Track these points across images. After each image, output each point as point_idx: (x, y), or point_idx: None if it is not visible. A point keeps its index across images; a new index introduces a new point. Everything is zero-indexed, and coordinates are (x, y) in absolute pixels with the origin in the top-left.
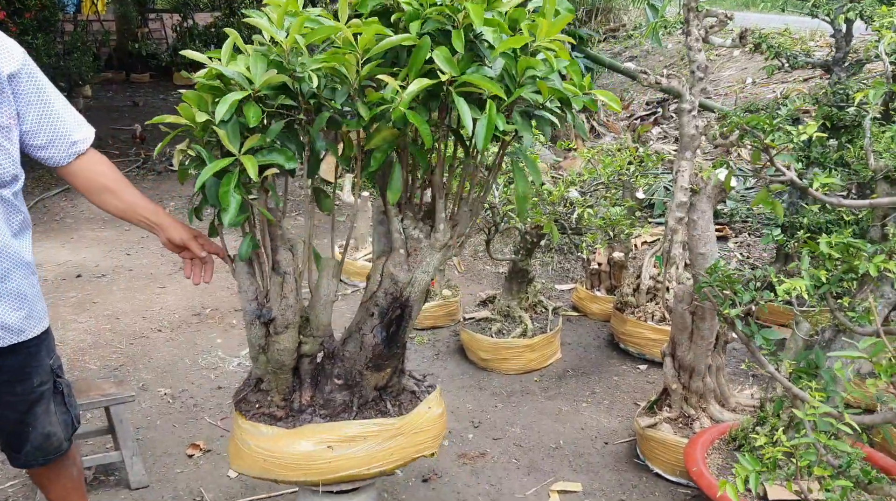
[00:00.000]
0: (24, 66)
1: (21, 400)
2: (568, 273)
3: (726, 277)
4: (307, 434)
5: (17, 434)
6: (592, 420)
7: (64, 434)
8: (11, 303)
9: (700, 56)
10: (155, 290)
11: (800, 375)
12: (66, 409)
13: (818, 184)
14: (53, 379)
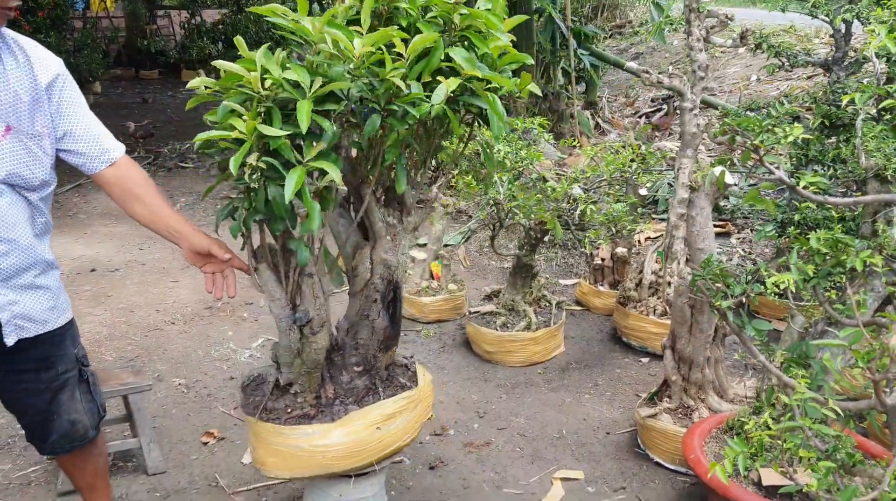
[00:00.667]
0: (61, 76)
1: (46, 387)
2: (571, 268)
3: (719, 271)
4: (354, 422)
5: (44, 422)
6: (595, 410)
7: (90, 422)
8: (35, 297)
9: (701, 56)
10: (168, 284)
11: (791, 365)
12: (91, 397)
13: (804, 182)
14: (78, 368)
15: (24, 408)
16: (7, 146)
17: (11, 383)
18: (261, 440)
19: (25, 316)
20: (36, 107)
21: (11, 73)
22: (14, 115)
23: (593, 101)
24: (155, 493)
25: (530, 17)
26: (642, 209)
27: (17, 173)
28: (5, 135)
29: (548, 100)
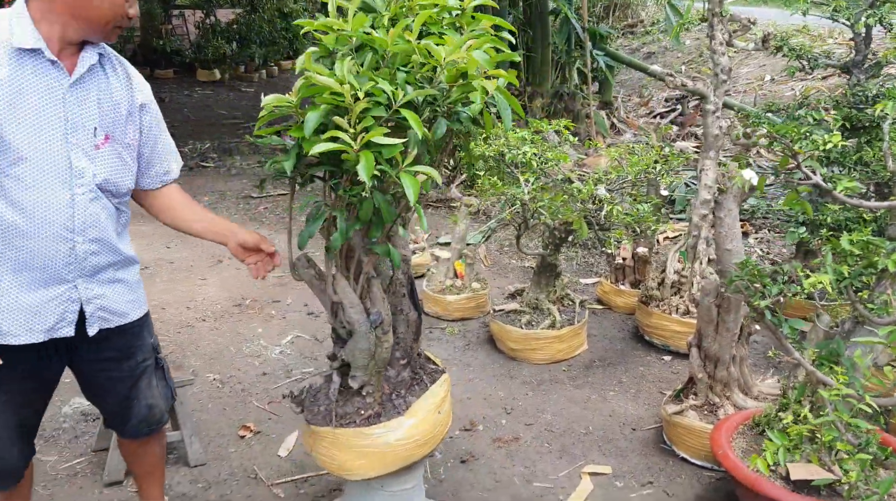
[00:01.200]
0: (151, 100)
1: (127, 375)
2: (592, 267)
3: (756, 271)
4: (419, 411)
5: (125, 408)
6: (620, 407)
7: (165, 406)
8: (117, 290)
9: (724, 59)
10: (196, 282)
11: (822, 362)
12: (166, 383)
13: (841, 187)
14: (154, 356)
15: (106, 396)
16: (105, 154)
17: (96, 372)
18: (343, 446)
19: (108, 309)
20: (129, 120)
21: (114, 87)
22: (113, 126)
23: (608, 101)
24: (197, 484)
25: (546, 18)
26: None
27: (111, 180)
28: (104, 144)
29: (563, 100)
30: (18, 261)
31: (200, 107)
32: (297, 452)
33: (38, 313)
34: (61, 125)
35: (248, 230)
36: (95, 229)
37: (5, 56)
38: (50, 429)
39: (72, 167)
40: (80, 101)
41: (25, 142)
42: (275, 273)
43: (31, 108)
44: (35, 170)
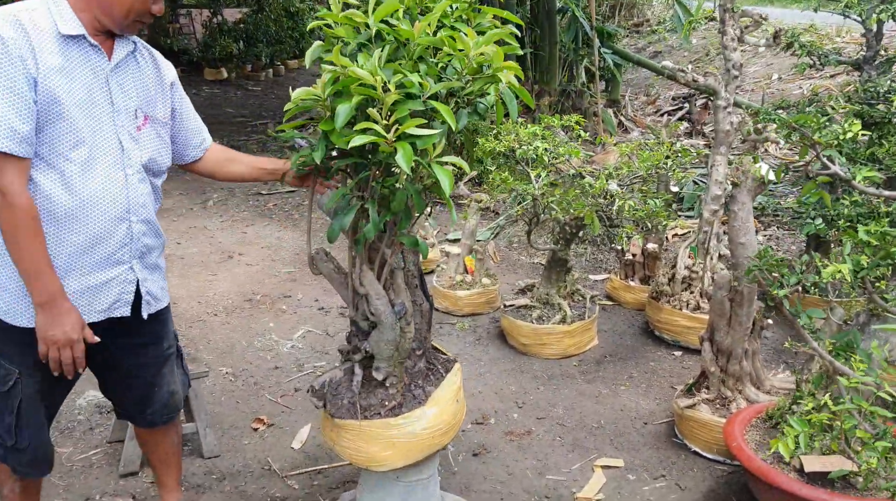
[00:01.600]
0: (177, 78)
1: (154, 361)
2: (601, 263)
3: (774, 261)
4: (439, 400)
5: (147, 394)
6: (631, 402)
7: (183, 393)
8: (157, 275)
9: (735, 55)
10: (207, 277)
11: (837, 353)
12: (183, 370)
13: (860, 177)
14: (176, 343)
15: (131, 381)
16: (147, 134)
17: (127, 357)
18: (370, 438)
19: (152, 293)
20: (161, 99)
21: (145, 70)
22: (149, 106)
23: (616, 100)
24: (211, 475)
25: (553, 16)
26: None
27: (154, 159)
28: (144, 124)
29: (570, 98)
30: (79, 245)
31: (208, 105)
32: (311, 444)
33: (99, 292)
34: (109, 108)
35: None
36: (145, 209)
37: (54, 43)
38: (65, 421)
39: (123, 148)
40: (120, 85)
41: (84, 125)
42: (286, 268)
43: (83, 92)
44: (93, 153)
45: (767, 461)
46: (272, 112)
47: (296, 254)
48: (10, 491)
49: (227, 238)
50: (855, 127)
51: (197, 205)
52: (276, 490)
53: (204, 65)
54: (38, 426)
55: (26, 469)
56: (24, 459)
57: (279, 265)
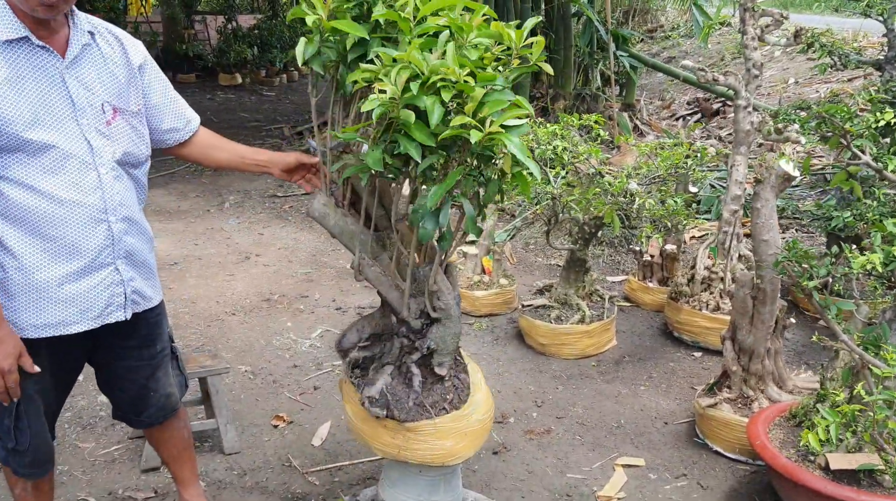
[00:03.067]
0: (147, 57)
1: (147, 364)
2: (619, 265)
3: (803, 253)
4: (480, 385)
5: (142, 397)
6: (651, 402)
7: (180, 394)
8: (145, 273)
9: (756, 54)
10: (225, 277)
11: (866, 347)
12: (179, 372)
13: (893, 166)
14: (170, 345)
15: (125, 384)
16: (118, 127)
17: (118, 360)
18: (446, 433)
19: (139, 292)
20: (131, 87)
21: (110, 58)
22: (118, 97)
23: (631, 104)
24: (232, 471)
25: (568, 21)
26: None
27: (129, 152)
28: (115, 117)
29: (586, 102)
30: (60, 252)
31: (223, 110)
32: (331, 441)
33: (89, 299)
34: (69, 108)
35: (283, 153)
36: (124, 207)
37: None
38: (87, 417)
39: (92, 148)
40: (81, 82)
41: (42, 133)
42: (302, 269)
43: (36, 98)
44: (59, 158)
45: (792, 459)
46: (286, 116)
47: (312, 255)
48: (22, 490)
49: (243, 239)
50: (888, 115)
51: (213, 207)
52: (296, 487)
53: (219, 70)
54: (39, 426)
55: (27, 471)
56: (24, 461)
57: (296, 266)
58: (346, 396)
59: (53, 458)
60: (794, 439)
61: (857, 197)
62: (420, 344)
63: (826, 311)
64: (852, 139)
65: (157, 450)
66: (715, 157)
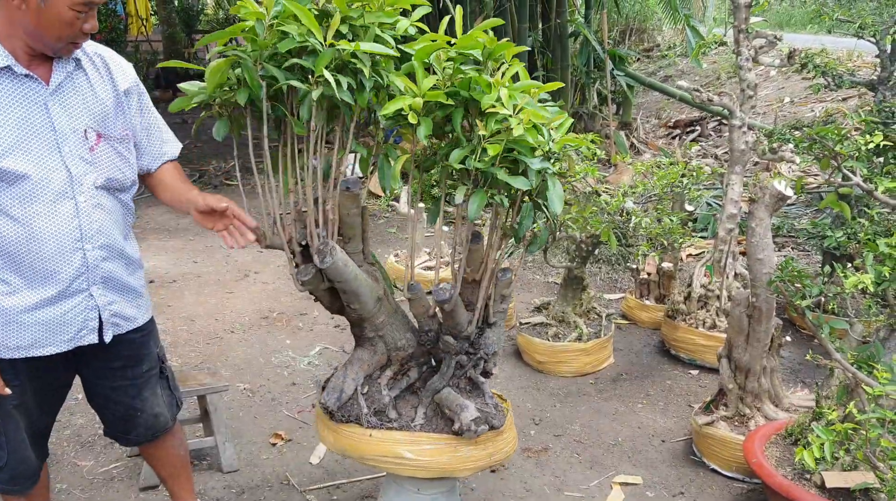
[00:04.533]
0: (136, 83)
1: (132, 383)
2: (616, 283)
3: (797, 272)
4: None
5: (128, 417)
6: (648, 419)
7: (169, 414)
8: (128, 295)
9: (750, 75)
10: (224, 295)
11: (860, 366)
12: (171, 392)
13: (882, 188)
14: (160, 365)
15: (110, 404)
16: (101, 153)
17: (101, 379)
18: (509, 438)
19: (120, 314)
20: (118, 112)
21: (96, 83)
22: (103, 123)
23: (627, 122)
24: (230, 490)
25: (565, 40)
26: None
27: (113, 177)
28: (98, 143)
29: (583, 120)
30: (34, 279)
31: None
32: (329, 459)
33: (61, 324)
34: (51, 136)
35: (203, 194)
36: (102, 235)
37: None
38: (86, 435)
39: (72, 176)
40: (64, 108)
41: (21, 161)
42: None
43: (15, 126)
44: (36, 187)
45: (788, 477)
46: None
47: None
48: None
49: (242, 256)
50: (877, 137)
51: None
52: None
53: None
54: (17, 442)
55: (7, 487)
56: (3, 476)
57: None
58: (400, 444)
59: (37, 475)
60: (790, 457)
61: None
62: (484, 353)
63: (819, 330)
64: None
65: (154, 468)
66: (710, 176)
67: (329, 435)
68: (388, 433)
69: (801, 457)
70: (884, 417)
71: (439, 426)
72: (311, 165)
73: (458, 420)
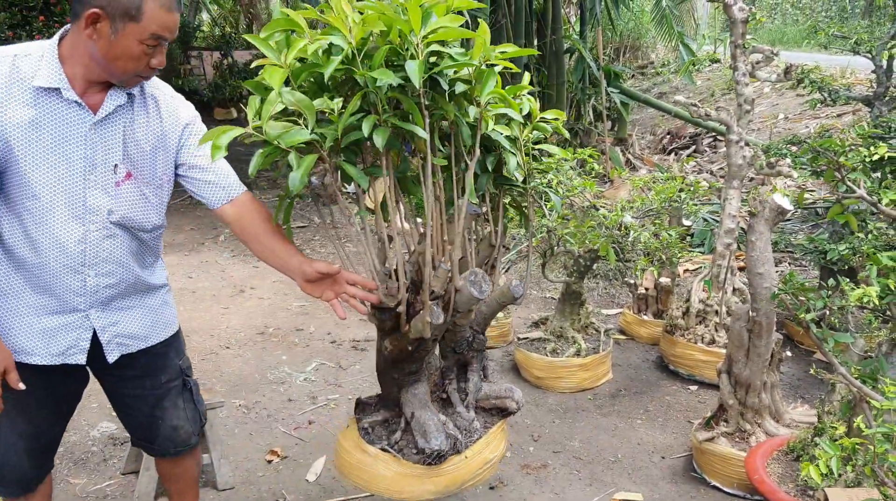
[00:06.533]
0: (191, 123)
1: (150, 393)
2: (614, 298)
3: (800, 285)
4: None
5: (150, 425)
6: (648, 436)
7: (192, 429)
8: (135, 315)
9: (747, 90)
10: (219, 311)
11: (864, 380)
12: (194, 406)
13: (887, 199)
14: (182, 377)
15: (131, 412)
16: (125, 191)
17: (120, 388)
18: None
19: (126, 334)
20: (155, 157)
21: (139, 125)
22: (138, 163)
23: (623, 138)
24: None
25: (561, 57)
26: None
27: (130, 217)
28: (125, 181)
29: (578, 136)
30: (33, 286)
31: None
32: (325, 476)
33: (52, 337)
34: (81, 164)
35: (308, 260)
36: (109, 263)
37: (27, 95)
38: (79, 452)
39: (86, 204)
40: (103, 140)
41: (40, 180)
42: (297, 301)
43: (49, 147)
44: (46, 208)
45: (791, 493)
46: None
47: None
48: None
49: (238, 272)
50: (881, 149)
51: (209, 240)
52: None
53: (214, 104)
54: (8, 443)
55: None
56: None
57: (291, 299)
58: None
59: (28, 484)
60: (792, 473)
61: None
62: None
63: (824, 344)
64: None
65: (165, 483)
66: (708, 191)
67: (430, 484)
68: (475, 446)
69: (808, 473)
70: (891, 432)
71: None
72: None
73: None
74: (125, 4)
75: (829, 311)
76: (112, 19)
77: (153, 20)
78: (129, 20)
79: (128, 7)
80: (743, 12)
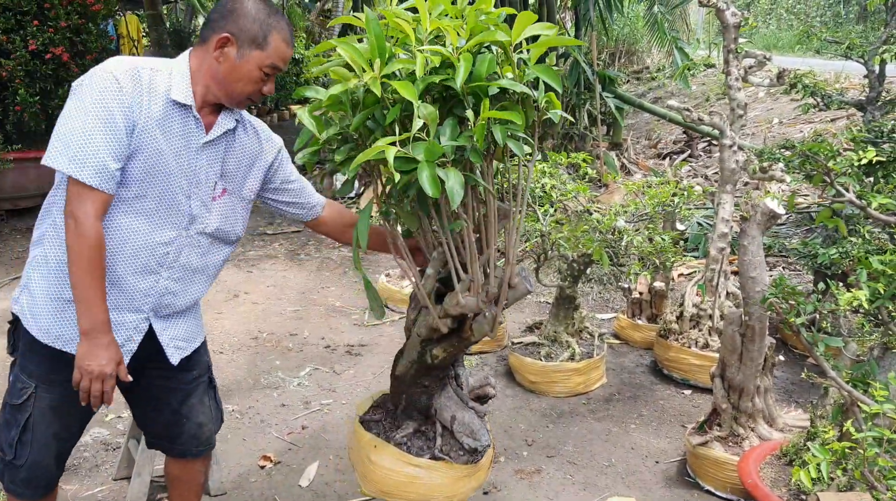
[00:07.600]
0: (283, 148)
1: (180, 387)
2: (608, 302)
3: (791, 290)
4: None
5: (175, 422)
6: (642, 440)
7: (214, 427)
8: (187, 320)
9: (740, 95)
10: (213, 316)
11: (855, 384)
12: (216, 403)
13: (876, 203)
14: (208, 374)
15: (159, 405)
16: (221, 204)
17: (153, 380)
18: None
19: (181, 337)
20: (250, 174)
21: (240, 149)
22: (233, 181)
23: (618, 143)
24: None
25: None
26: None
27: (221, 229)
28: (221, 196)
29: (573, 141)
30: (107, 277)
31: None
32: (318, 482)
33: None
34: (188, 177)
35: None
36: (185, 270)
37: (161, 105)
38: (71, 458)
39: (185, 213)
40: (209, 159)
41: (153, 182)
42: (291, 306)
43: (168, 154)
44: (149, 210)
45: (784, 498)
46: None
47: (301, 293)
48: None
49: (232, 277)
50: (869, 153)
51: None
52: None
53: None
54: (41, 444)
55: (19, 489)
56: (18, 476)
57: (285, 303)
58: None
59: (52, 486)
60: (785, 477)
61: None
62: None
63: (814, 348)
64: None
65: (170, 488)
66: (701, 195)
67: (474, 481)
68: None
69: (798, 478)
70: (881, 436)
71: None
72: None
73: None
74: (254, 33)
75: (819, 315)
76: (240, 45)
77: (276, 51)
78: (256, 47)
79: (256, 35)
80: (735, 17)
